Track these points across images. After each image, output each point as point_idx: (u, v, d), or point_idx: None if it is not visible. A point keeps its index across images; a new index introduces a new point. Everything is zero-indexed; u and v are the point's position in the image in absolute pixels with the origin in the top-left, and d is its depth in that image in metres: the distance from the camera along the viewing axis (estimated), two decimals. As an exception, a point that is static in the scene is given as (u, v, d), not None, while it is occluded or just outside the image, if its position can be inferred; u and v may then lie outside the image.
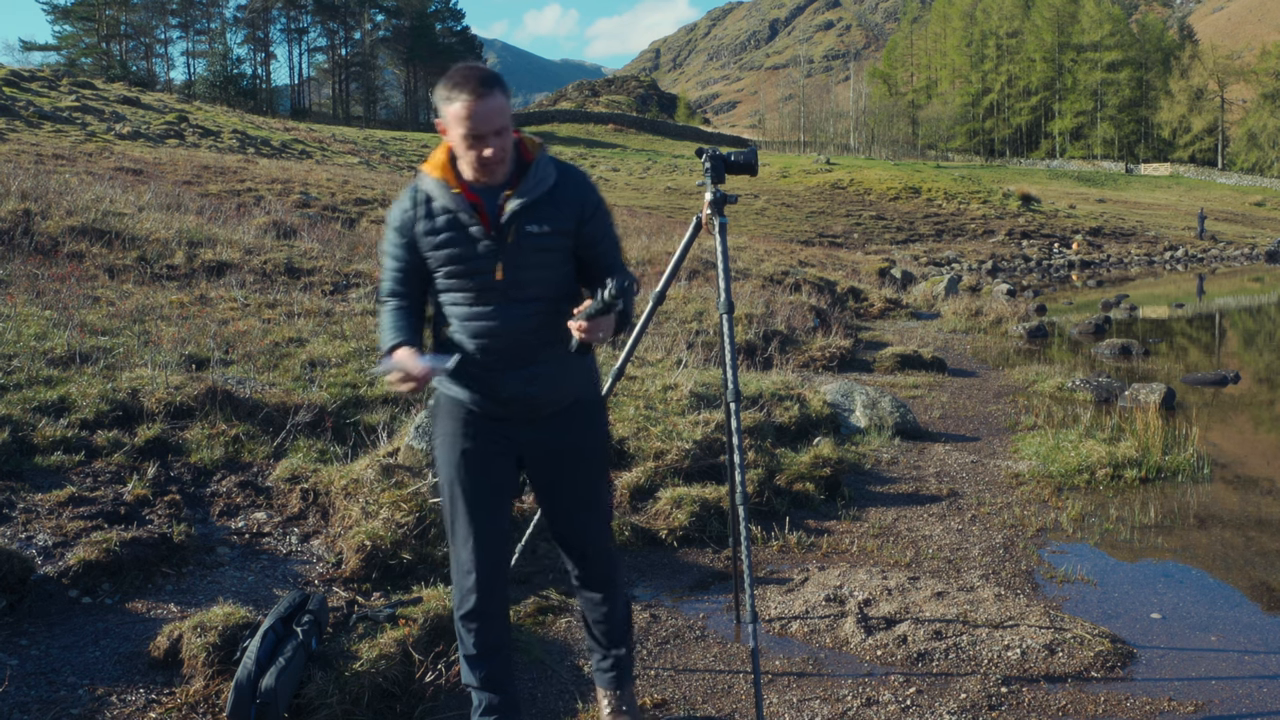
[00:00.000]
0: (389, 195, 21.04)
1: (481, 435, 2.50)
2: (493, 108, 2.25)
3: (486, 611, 2.53)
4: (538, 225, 2.38)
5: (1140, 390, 8.19)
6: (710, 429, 5.45)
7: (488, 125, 2.26)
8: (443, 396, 2.55)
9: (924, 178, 49.37)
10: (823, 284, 16.15)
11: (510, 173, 2.40)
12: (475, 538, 2.50)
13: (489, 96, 2.24)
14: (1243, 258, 36.99)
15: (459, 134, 2.28)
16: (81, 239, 9.16)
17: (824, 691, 3.18)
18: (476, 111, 2.24)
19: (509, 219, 2.37)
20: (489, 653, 2.56)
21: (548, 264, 2.42)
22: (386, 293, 2.48)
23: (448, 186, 2.38)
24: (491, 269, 2.37)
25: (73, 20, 68.00)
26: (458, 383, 2.49)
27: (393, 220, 2.45)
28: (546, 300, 2.43)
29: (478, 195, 2.38)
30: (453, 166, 2.39)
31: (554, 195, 2.41)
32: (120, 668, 3.01)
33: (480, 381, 2.45)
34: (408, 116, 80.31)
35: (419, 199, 2.42)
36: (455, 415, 2.52)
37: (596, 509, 2.66)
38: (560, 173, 2.45)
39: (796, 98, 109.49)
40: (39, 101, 27.36)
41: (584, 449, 2.60)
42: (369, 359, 6.08)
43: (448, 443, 2.53)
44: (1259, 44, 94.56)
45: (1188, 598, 4.01)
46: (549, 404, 2.51)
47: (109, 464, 4.21)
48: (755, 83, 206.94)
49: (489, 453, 2.51)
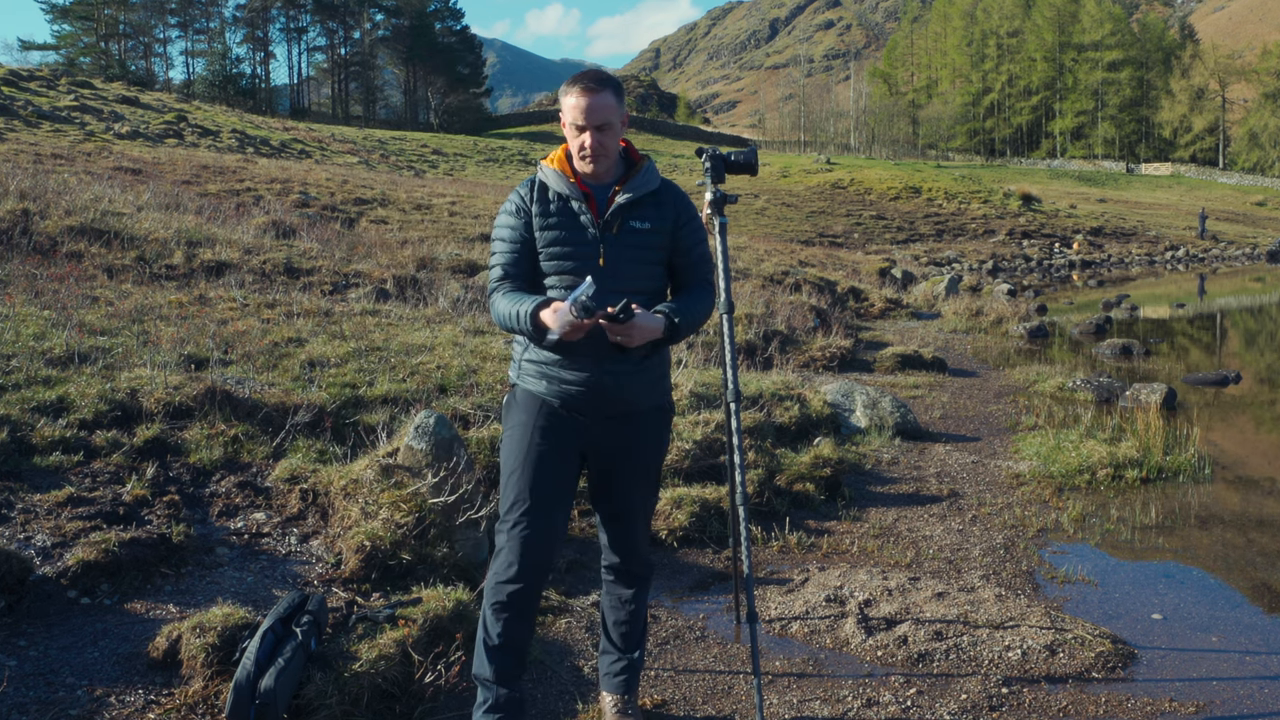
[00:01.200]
0: (388, 195, 21.04)
1: (553, 426, 2.62)
2: (600, 103, 2.51)
3: (525, 593, 2.55)
4: (640, 221, 2.60)
5: (1141, 390, 8.18)
6: (710, 429, 5.44)
7: (592, 118, 2.51)
8: (519, 390, 2.70)
9: (924, 177, 49.35)
10: (823, 284, 16.14)
11: (620, 174, 2.64)
12: (531, 518, 2.55)
13: (598, 94, 2.51)
14: (1244, 257, 36.98)
15: (568, 122, 2.55)
16: (80, 239, 9.15)
17: (824, 692, 3.17)
18: (583, 104, 2.50)
19: (616, 210, 2.58)
20: (511, 645, 2.60)
21: (644, 260, 2.62)
22: (499, 276, 2.62)
23: (565, 176, 2.60)
24: (594, 256, 2.56)
25: (71, 20, 67.95)
26: (538, 372, 2.62)
27: (509, 206, 2.65)
28: (638, 295, 2.55)
29: (589, 188, 2.60)
30: (569, 162, 2.62)
31: (658, 197, 2.65)
32: (119, 668, 3.00)
33: (564, 371, 2.59)
34: (407, 116, 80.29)
35: (536, 185, 2.64)
36: (529, 407, 2.65)
37: (646, 512, 2.82)
38: (663, 181, 2.69)
39: (797, 97, 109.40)
40: (37, 101, 27.35)
41: (647, 454, 2.73)
42: (369, 359, 6.07)
43: (519, 431, 2.64)
44: (1260, 43, 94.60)
45: (1189, 598, 4.01)
46: (622, 401, 2.62)
47: (108, 464, 4.20)
48: (755, 82, 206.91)
49: (557, 442, 2.61)
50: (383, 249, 12.06)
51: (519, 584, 2.54)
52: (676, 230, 2.66)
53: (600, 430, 2.64)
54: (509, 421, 2.69)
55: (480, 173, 40.65)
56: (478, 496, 4.05)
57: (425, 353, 6.44)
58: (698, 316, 2.61)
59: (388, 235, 14.74)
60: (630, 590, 2.83)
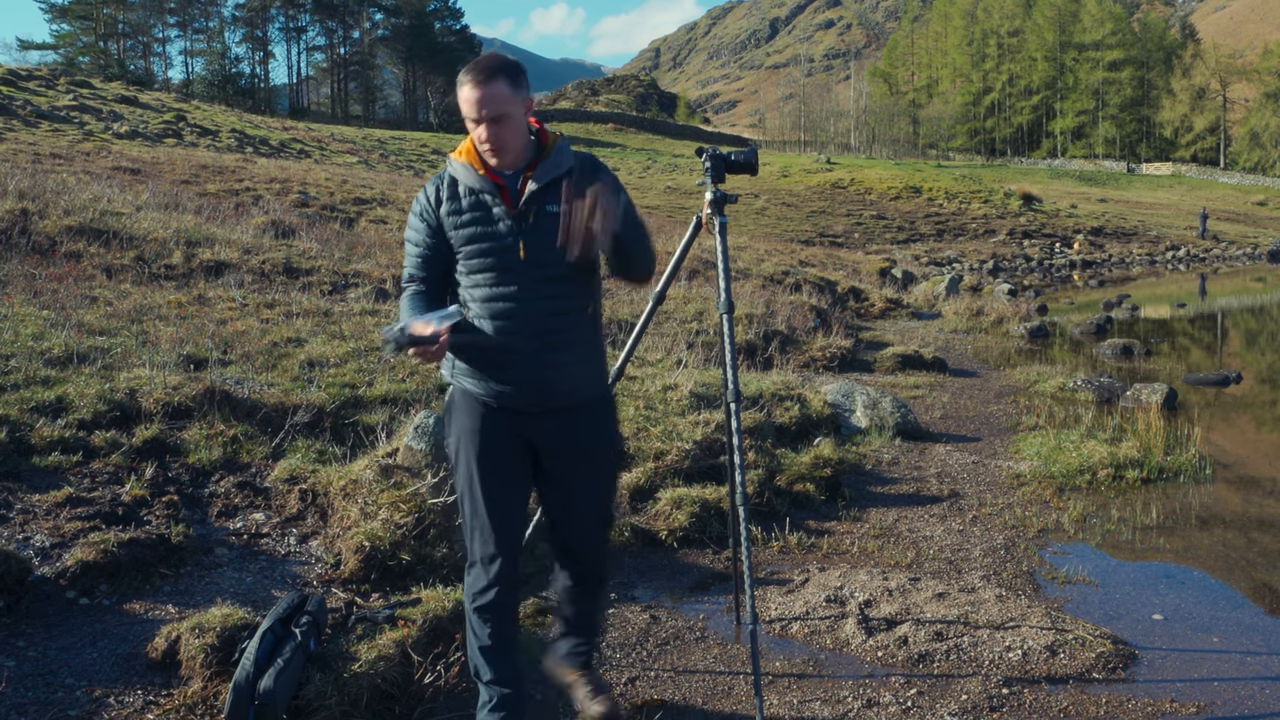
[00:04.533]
0: (388, 195, 21.03)
1: (497, 427, 2.55)
2: (490, 94, 2.39)
3: (502, 600, 2.56)
4: (556, 205, 2.46)
5: (1142, 390, 8.17)
6: (710, 429, 5.43)
7: (485, 110, 2.39)
8: (457, 391, 2.61)
9: (925, 177, 49.32)
10: (823, 284, 16.13)
11: (531, 158, 2.52)
12: (493, 524, 2.53)
13: (487, 84, 2.39)
14: (1245, 257, 36.96)
15: (464, 115, 2.44)
16: (79, 239, 9.14)
17: (824, 693, 3.16)
18: (474, 97, 2.39)
19: (529, 198, 2.47)
20: (502, 645, 2.59)
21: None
22: (407, 278, 2.57)
23: (473, 169, 2.50)
24: (514, 247, 2.47)
25: (70, 19, 67.88)
26: (472, 372, 2.54)
27: (417, 206, 2.57)
28: (565, 281, 2.49)
29: (501, 178, 2.50)
30: (478, 152, 2.51)
31: (571, 177, 2.50)
32: (118, 669, 2.99)
33: (496, 368, 2.51)
34: (407, 116, 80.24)
35: (445, 182, 2.55)
36: (470, 409, 2.57)
37: (603, 509, 2.73)
38: (578, 159, 2.57)
39: (797, 97, 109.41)
40: (36, 101, 27.34)
41: (596, 447, 2.65)
42: (368, 359, 6.06)
43: (464, 435, 2.57)
44: (1261, 43, 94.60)
45: (1190, 599, 4.00)
46: (563, 394, 2.55)
47: (107, 464, 4.19)
48: (755, 82, 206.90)
49: (504, 443, 2.56)
50: (382, 249, 12.05)
51: (492, 595, 2.55)
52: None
53: (544, 427, 2.56)
54: (451, 425, 2.62)
55: (480, 172, 40.53)
56: (477, 497, 4.04)
57: (425, 353, 6.42)
58: (638, 230, 2.53)
59: (387, 235, 14.72)
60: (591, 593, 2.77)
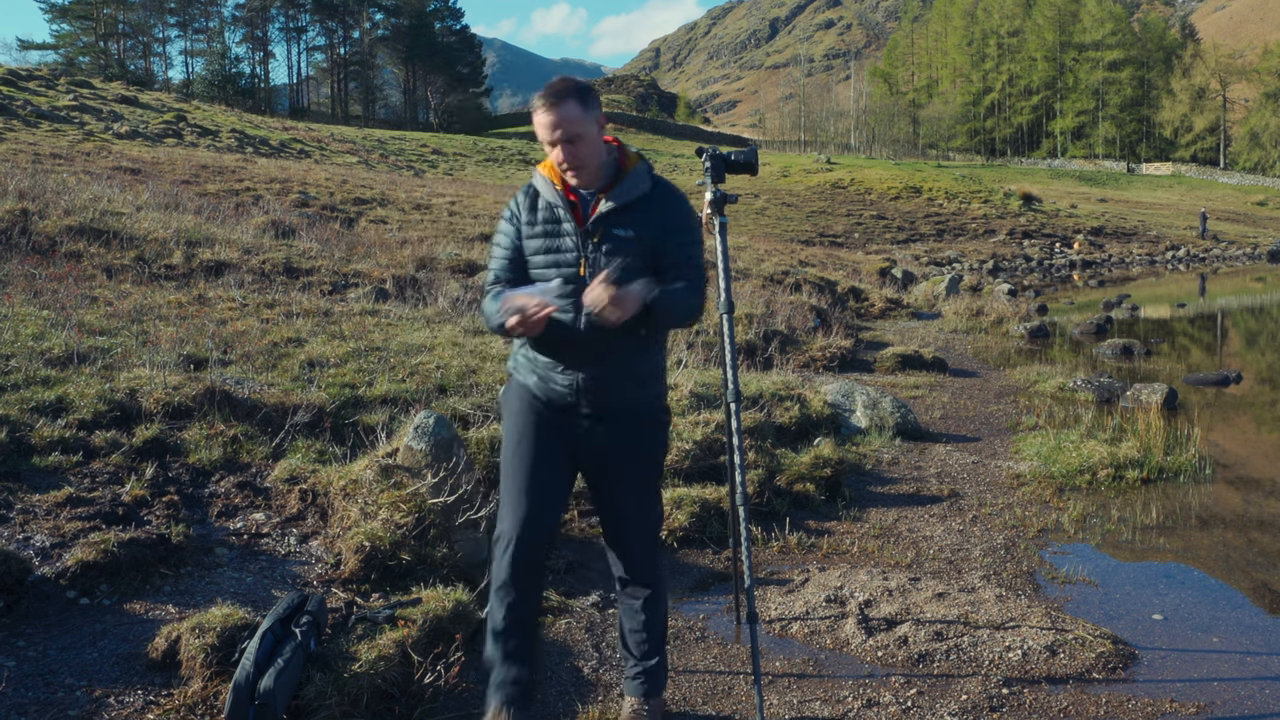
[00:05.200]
0: (388, 195, 21.04)
1: (541, 423, 2.67)
2: (563, 117, 2.49)
3: (519, 577, 2.60)
4: (624, 229, 2.57)
5: (1142, 390, 8.17)
6: (710, 429, 5.43)
7: (559, 133, 2.50)
8: (515, 381, 2.75)
9: (925, 177, 49.32)
10: (823, 284, 16.13)
11: (610, 178, 2.62)
12: (524, 497, 2.61)
13: (559, 107, 2.49)
14: (1245, 257, 36.98)
15: (541, 141, 2.55)
16: (79, 239, 9.14)
17: (824, 693, 3.16)
18: (548, 121, 2.50)
19: (598, 219, 2.58)
20: (517, 627, 2.63)
21: (627, 269, 2.56)
22: (493, 279, 2.69)
23: (552, 184, 2.62)
24: (576, 264, 2.57)
25: (70, 19, 67.92)
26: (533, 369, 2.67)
27: (506, 212, 2.70)
28: None
29: (577, 195, 2.61)
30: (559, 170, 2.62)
31: (647, 202, 2.60)
32: (118, 669, 2.99)
33: (551, 370, 2.64)
34: (407, 116, 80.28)
35: (529, 192, 2.68)
36: (523, 398, 2.71)
37: (643, 522, 2.78)
38: (655, 184, 2.64)
39: (797, 97, 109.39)
40: (36, 101, 27.33)
41: (639, 453, 2.73)
42: (368, 359, 6.06)
43: (514, 418, 2.71)
44: (1261, 43, 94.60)
45: (1189, 599, 4.00)
46: (608, 404, 2.64)
47: (107, 464, 4.19)
48: (755, 82, 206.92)
49: (546, 441, 2.67)
50: (382, 249, 12.06)
51: (512, 584, 2.61)
52: (663, 239, 2.60)
53: (588, 431, 2.66)
54: (505, 412, 2.78)
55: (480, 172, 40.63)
56: (477, 497, 4.05)
57: (425, 353, 6.43)
58: (676, 301, 2.53)
59: (387, 235, 14.73)
60: (640, 599, 2.81)
